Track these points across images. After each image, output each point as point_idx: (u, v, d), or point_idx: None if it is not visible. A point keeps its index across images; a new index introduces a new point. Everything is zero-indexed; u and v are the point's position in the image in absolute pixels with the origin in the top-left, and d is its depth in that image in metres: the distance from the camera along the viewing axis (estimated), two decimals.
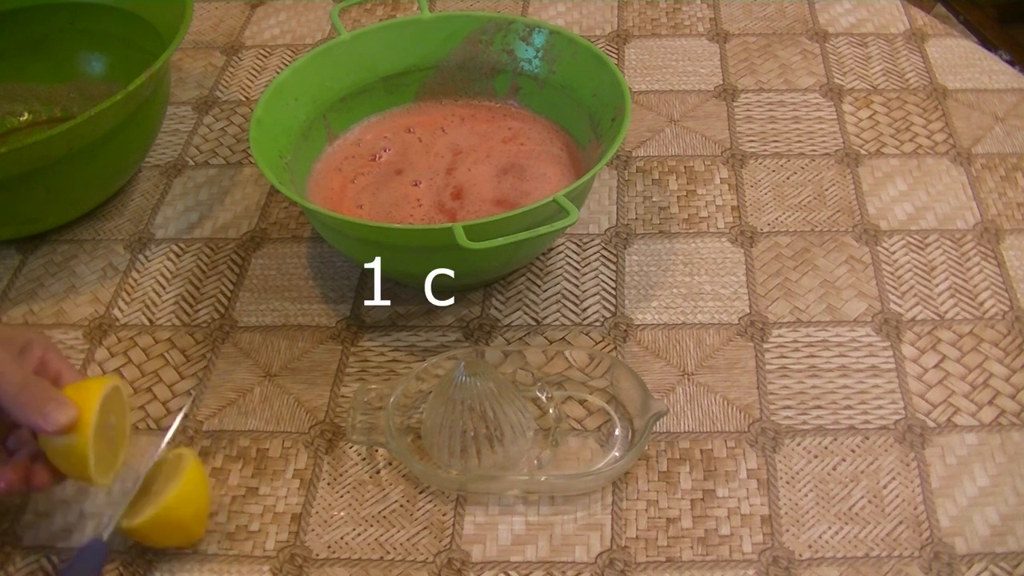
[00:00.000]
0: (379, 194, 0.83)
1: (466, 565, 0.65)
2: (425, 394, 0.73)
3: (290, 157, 0.82)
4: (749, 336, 0.77)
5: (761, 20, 1.07)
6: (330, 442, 0.72)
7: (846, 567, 0.63)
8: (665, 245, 0.84)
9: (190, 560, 0.66)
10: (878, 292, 0.79)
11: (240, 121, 1.00)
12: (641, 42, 1.05)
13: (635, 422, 0.70)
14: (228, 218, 0.90)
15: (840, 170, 0.89)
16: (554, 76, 0.87)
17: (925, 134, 0.92)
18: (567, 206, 0.69)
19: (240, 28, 1.11)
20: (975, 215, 0.85)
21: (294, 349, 0.78)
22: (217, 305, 0.82)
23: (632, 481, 0.68)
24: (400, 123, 0.90)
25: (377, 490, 0.69)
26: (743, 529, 0.65)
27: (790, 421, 0.71)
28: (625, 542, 0.65)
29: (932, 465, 0.68)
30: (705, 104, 0.97)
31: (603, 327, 0.78)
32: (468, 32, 0.89)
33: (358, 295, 0.82)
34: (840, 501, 0.67)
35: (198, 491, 0.65)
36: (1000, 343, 0.75)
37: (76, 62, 0.99)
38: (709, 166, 0.90)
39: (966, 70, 0.99)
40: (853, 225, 0.84)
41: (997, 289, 0.79)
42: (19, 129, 0.99)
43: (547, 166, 0.84)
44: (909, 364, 0.74)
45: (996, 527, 0.65)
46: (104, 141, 0.82)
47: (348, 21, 1.10)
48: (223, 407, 0.75)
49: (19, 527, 0.68)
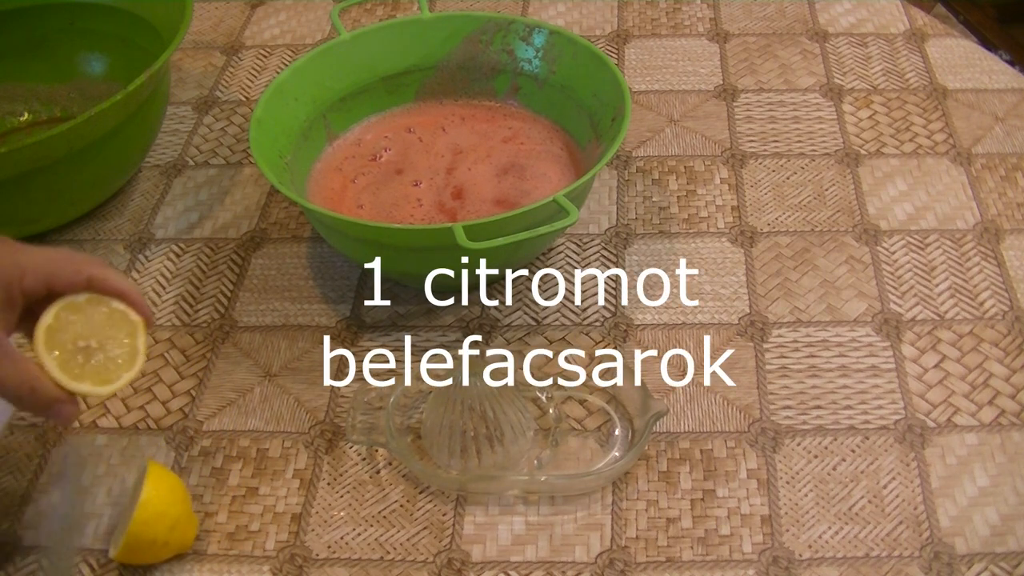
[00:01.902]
0: (379, 194, 0.83)
1: (466, 565, 0.65)
2: (425, 394, 0.73)
3: (290, 157, 0.82)
4: (749, 336, 0.77)
5: (761, 20, 1.07)
6: (330, 442, 0.72)
7: (846, 567, 0.63)
8: (665, 245, 0.84)
9: (190, 560, 0.66)
10: (878, 292, 0.79)
11: (240, 121, 1.00)
12: (641, 42, 1.05)
13: (635, 422, 0.71)
14: (228, 218, 0.90)
15: (840, 170, 0.89)
16: (554, 76, 0.87)
17: (925, 134, 0.92)
18: (567, 206, 0.69)
19: (240, 28, 1.11)
20: (975, 215, 0.85)
21: (294, 349, 0.78)
22: (217, 305, 0.82)
23: (632, 481, 0.68)
24: (400, 123, 0.90)
25: (377, 490, 0.69)
26: (743, 529, 0.66)
27: (790, 421, 0.71)
28: (625, 542, 0.65)
29: (932, 465, 0.68)
30: (705, 104, 0.97)
31: (603, 327, 0.78)
32: (468, 32, 0.89)
33: (358, 295, 0.82)
34: (840, 501, 0.67)
35: (165, 503, 0.64)
36: (1000, 343, 0.75)
37: (76, 62, 0.99)
38: (709, 166, 0.90)
39: (966, 70, 0.99)
40: (853, 225, 0.84)
41: (997, 289, 0.79)
42: (19, 129, 0.99)
43: (547, 166, 0.84)
44: (909, 364, 0.74)
45: (996, 527, 0.65)
46: (104, 141, 0.82)
47: (348, 21, 1.10)
48: (223, 407, 0.75)
49: (19, 527, 0.68)
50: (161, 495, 0.64)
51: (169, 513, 0.64)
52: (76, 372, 0.61)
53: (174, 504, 0.64)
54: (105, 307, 0.62)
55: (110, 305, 0.62)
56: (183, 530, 0.65)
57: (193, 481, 0.70)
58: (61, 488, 0.70)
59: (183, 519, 0.65)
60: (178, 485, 0.66)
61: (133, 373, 0.62)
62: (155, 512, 0.63)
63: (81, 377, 0.61)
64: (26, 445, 0.73)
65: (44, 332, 0.60)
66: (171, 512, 0.64)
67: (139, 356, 0.63)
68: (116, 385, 0.62)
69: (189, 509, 0.66)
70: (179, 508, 0.65)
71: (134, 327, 0.63)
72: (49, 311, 0.61)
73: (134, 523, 0.62)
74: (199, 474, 0.71)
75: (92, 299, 0.62)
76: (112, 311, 0.62)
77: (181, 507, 0.65)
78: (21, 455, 0.72)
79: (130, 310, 0.63)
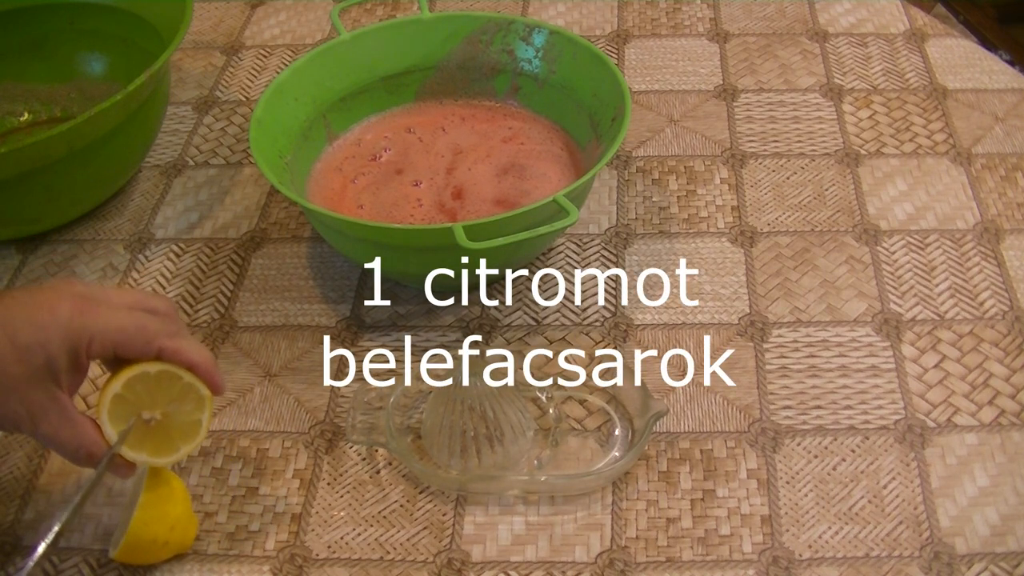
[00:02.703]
0: (379, 194, 0.83)
1: (466, 565, 0.65)
2: (425, 394, 0.73)
3: (290, 157, 0.82)
4: (749, 336, 0.77)
5: (761, 20, 1.07)
6: (330, 442, 0.72)
7: (846, 567, 0.63)
8: (665, 245, 0.84)
9: (190, 560, 0.66)
10: (878, 292, 0.79)
11: (240, 121, 1.00)
12: (641, 42, 1.05)
13: (635, 422, 0.70)
14: (228, 218, 0.90)
15: (840, 170, 0.89)
16: (554, 76, 0.87)
17: (925, 134, 0.92)
18: (567, 206, 0.69)
19: (240, 28, 1.11)
20: (975, 215, 0.85)
21: (294, 349, 0.78)
22: (217, 305, 0.82)
23: (632, 481, 0.68)
24: (400, 123, 0.90)
25: (377, 490, 0.69)
26: (743, 529, 0.65)
27: (790, 421, 0.71)
28: (625, 542, 0.65)
29: (932, 465, 0.68)
30: (705, 104, 0.97)
31: (603, 327, 0.78)
32: (468, 32, 0.89)
33: (358, 295, 0.82)
34: (840, 501, 0.67)
35: (165, 503, 0.64)
36: (1000, 343, 0.75)
37: (76, 62, 0.99)
38: (709, 166, 0.90)
39: (966, 70, 0.99)
40: (853, 225, 0.84)
41: (997, 289, 0.79)
42: (19, 129, 0.99)
43: (547, 166, 0.84)
44: (909, 364, 0.74)
45: (996, 527, 0.65)
46: (104, 141, 0.82)
47: (348, 21, 1.10)
48: (223, 407, 0.75)
49: (19, 527, 0.68)
50: (161, 495, 0.64)
51: (169, 513, 0.64)
52: (135, 442, 0.61)
53: (174, 504, 0.64)
54: (176, 381, 0.61)
55: (181, 380, 0.61)
56: (183, 530, 0.65)
57: (193, 481, 0.70)
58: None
59: (183, 519, 0.65)
60: (178, 485, 0.66)
61: (192, 446, 0.62)
62: (155, 512, 0.63)
63: (139, 448, 0.61)
64: (26, 445, 0.73)
65: (110, 402, 0.60)
66: (171, 512, 0.64)
67: (202, 430, 0.62)
68: (173, 458, 0.62)
69: (189, 509, 0.66)
70: (179, 508, 0.65)
71: (202, 401, 0.62)
72: (118, 379, 0.60)
73: (134, 523, 0.62)
74: (199, 474, 0.71)
75: (164, 373, 0.61)
76: (183, 385, 0.61)
77: (181, 507, 0.65)
78: (21, 455, 0.72)
79: (200, 384, 0.61)
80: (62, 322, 0.57)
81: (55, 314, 0.57)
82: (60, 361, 0.57)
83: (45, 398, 0.58)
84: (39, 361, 0.57)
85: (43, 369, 0.57)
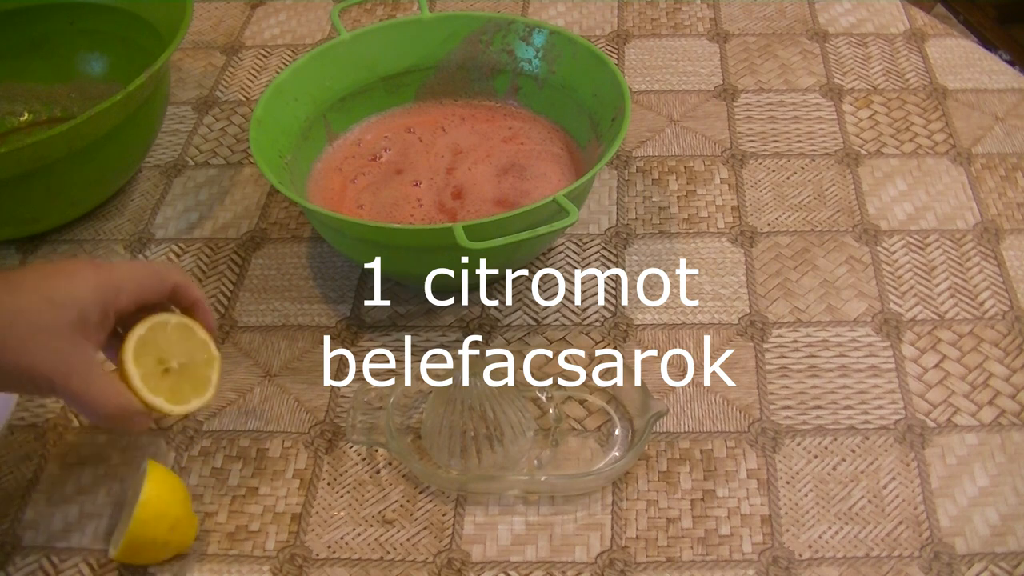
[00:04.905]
0: (379, 194, 0.83)
1: (466, 565, 0.65)
2: (425, 394, 0.73)
3: (290, 157, 0.82)
4: (749, 336, 0.77)
5: (761, 20, 1.07)
6: (330, 442, 0.72)
7: (846, 567, 0.63)
8: (665, 245, 0.84)
9: (190, 560, 0.66)
10: (878, 292, 0.79)
11: (240, 121, 1.00)
12: (641, 42, 1.05)
13: (635, 422, 0.70)
14: (228, 218, 0.90)
15: (840, 170, 0.89)
16: (554, 76, 0.87)
17: (925, 134, 0.92)
18: (567, 206, 0.69)
19: (240, 28, 1.11)
20: (975, 215, 0.85)
21: (294, 349, 0.78)
22: (217, 305, 0.82)
23: (632, 481, 0.68)
24: (400, 123, 0.90)
25: (377, 490, 0.69)
26: (743, 529, 0.66)
27: (790, 421, 0.71)
28: (625, 542, 0.65)
29: (932, 465, 0.68)
30: (705, 104, 0.97)
31: (603, 327, 0.78)
32: (468, 32, 0.89)
33: (358, 295, 0.82)
34: (840, 501, 0.67)
35: (165, 503, 0.64)
36: (1000, 343, 0.75)
37: (76, 62, 0.99)
38: (709, 166, 0.90)
39: (966, 70, 0.99)
40: (853, 225, 0.84)
41: (997, 289, 0.79)
42: (19, 129, 0.99)
43: (547, 166, 0.84)
44: (909, 364, 0.74)
45: (996, 527, 0.65)
46: (104, 141, 0.82)
47: (348, 21, 1.10)
48: (223, 407, 0.75)
49: (19, 527, 0.68)
50: (161, 495, 0.64)
51: (169, 513, 0.64)
52: (153, 386, 0.63)
53: (174, 504, 0.64)
54: (191, 334, 0.66)
55: (195, 334, 0.66)
56: (183, 530, 0.65)
57: (193, 481, 0.70)
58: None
59: (183, 519, 0.65)
60: (178, 485, 0.66)
61: (203, 401, 0.66)
62: (155, 512, 0.63)
63: (157, 391, 0.64)
64: (26, 445, 0.73)
65: (135, 343, 0.64)
66: (171, 512, 0.64)
67: (211, 387, 0.66)
68: (186, 408, 0.65)
69: (189, 509, 0.66)
70: (179, 508, 0.65)
71: (212, 360, 0.67)
72: (143, 324, 0.64)
73: (134, 523, 0.62)
74: (199, 474, 0.71)
75: (181, 324, 0.66)
76: (197, 340, 0.66)
77: (181, 507, 0.65)
78: (21, 455, 0.72)
79: (211, 342, 0.67)
80: (91, 280, 0.62)
81: (84, 274, 0.62)
82: (93, 315, 0.61)
83: (78, 353, 0.61)
84: (73, 316, 0.60)
85: (77, 323, 0.60)
